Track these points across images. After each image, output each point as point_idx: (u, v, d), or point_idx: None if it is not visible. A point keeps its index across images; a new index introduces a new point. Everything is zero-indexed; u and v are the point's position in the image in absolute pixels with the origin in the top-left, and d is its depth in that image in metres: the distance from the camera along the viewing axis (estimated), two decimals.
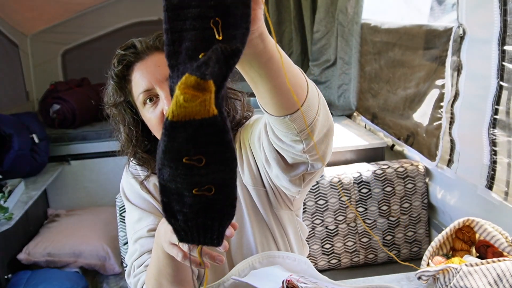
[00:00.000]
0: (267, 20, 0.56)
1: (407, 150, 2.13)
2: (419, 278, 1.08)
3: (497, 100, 1.36)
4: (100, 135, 2.93)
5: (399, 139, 2.07)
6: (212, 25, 0.45)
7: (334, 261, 1.96)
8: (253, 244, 1.02)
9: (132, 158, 1.06)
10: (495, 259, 1.01)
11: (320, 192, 1.90)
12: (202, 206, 0.47)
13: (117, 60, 0.96)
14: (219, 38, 0.45)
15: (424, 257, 1.17)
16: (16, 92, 3.19)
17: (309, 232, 1.92)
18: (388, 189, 1.94)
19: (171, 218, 0.49)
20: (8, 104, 2.95)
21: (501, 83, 1.34)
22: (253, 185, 0.99)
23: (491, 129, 1.40)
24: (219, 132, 0.43)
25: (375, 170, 1.94)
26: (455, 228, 1.20)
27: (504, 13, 1.27)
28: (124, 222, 1.23)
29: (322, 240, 1.94)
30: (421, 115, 1.84)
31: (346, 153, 2.12)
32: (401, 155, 2.18)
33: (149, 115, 0.94)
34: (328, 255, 1.95)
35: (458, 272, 1.01)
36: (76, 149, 2.95)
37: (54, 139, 2.90)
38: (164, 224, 0.78)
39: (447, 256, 1.19)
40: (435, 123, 1.73)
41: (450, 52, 1.56)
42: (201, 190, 0.46)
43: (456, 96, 1.59)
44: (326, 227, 1.93)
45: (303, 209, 1.89)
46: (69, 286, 2.17)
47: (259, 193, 1.00)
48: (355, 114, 2.65)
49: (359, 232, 1.96)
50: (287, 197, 1.01)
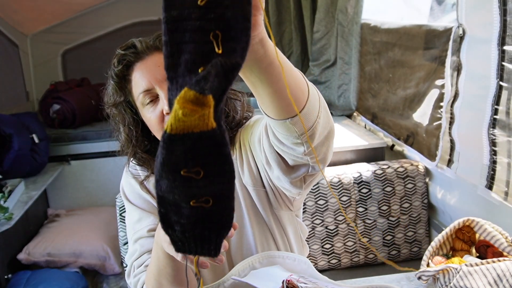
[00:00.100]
0: (266, 25, 0.55)
1: (407, 150, 2.13)
2: (419, 278, 1.08)
3: (497, 100, 1.36)
4: (100, 135, 2.93)
5: (399, 139, 2.07)
6: (212, 38, 0.44)
7: (334, 261, 1.96)
8: (253, 244, 1.02)
9: (132, 158, 1.06)
10: (495, 259, 1.01)
11: (320, 192, 1.90)
12: (200, 218, 0.47)
13: (117, 60, 0.96)
14: (219, 52, 0.44)
15: (424, 257, 1.17)
16: (16, 92, 3.19)
17: (309, 232, 1.92)
18: (388, 189, 1.94)
19: (168, 229, 0.49)
20: (8, 104, 2.95)
21: (501, 83, 1.34)
22: (253, 186, 0.99)
23: (491, 129, 1.40)
24: (218, 145, 0.43)
25: (375, 170, 1.94)
26: (455, 228, 1.20)
27: (504, 13, 1.27)
28: (124, 222, 1.23)
29: (322, 240, 1.94)
30: (421, 115, 1.84)
31: (346, 153, 2.12)
32: (401, 155, 2.18)
33: (149, 115, 0.94)
34: (328, 255, 1.95)
35: (458, 272, 1.02)
36: (76, 149, 2.95)
37: (54, 139, 2.90)
38: None
39: (447, 256, 1.19)
40: (435, 123, 1.73)
41: (450, 52, 1.56)
42: (199, 202, 0.45)
43: (456, 96, 1.59)
44: (326, 227, 1.93)
45: (303, 209, 1.89)
46: (69, 286, 2.17)
47: (259, 194, 1.00)
48: (355, 114, 2.65)
49: (359, 232, 1.96)
50: (287, 198, 1.01)
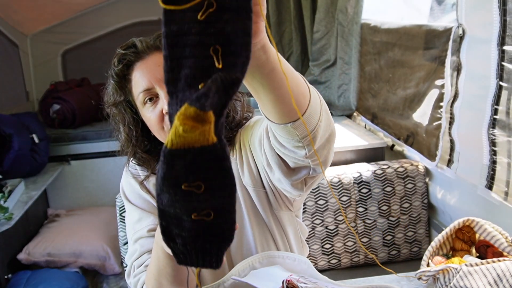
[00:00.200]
0: (267, 30, 0.55)
1: (407, 150, 2.13)
2: (419, 278, 1.08)
3: (497, 100, 1.36)
4: (100, 135, 2.93)
5: (399, 139, 2.07)
6: (212, 53, 0.44)
7: (334, 261, 1.96)
8: (253, 245, 1.02)
9: (132, 158, 1.06)
10: (495, 259, 1.01)
11: (320, 192, 1.90)
12: (201, 231, 0.47)
13: (118, 59, 0.96)
14: (219, 67, 0.44)
15: (424, 257, 1.17)
16: (16, 92, 3.19)
17: (309, 232, 1.92)
18: (388, 189, 1.94)
19: (170, 241, 0.49)
20: (8, 104, 2.95)
21: (501, 83, 1.34)
22: (253, 186, 0.99)
23: (491, 129, 1.40)
24: (218, 159, 0.43)
25: (375, 170, 1.94)
26: (455, 228, 1.20)
27: (504, 13, 1.27)
28: (124, 222, 1.23)
29: (322, 240, 1.94)
30: (421, 115, 1.84)
31: (346, 153, 2.12)
32: (401, 155, 2.18)
33: (149, 115, 0.94)
34: (328, 255, 1.95)
35: (458, 272, 1.02)
36: (76, 149, 2.95)
37: (54, 139, 2.90)
38: None
39: (447, 256, 1.19)
40: (435, 123, 1.73)
41: (450, 52, 1.56)
42: (200, 215, 0.45)
43: (456, 96, 1.59)
44: (326, 227, 1.93)
45: (303, 209, 1.89)
46: (69, 286, 2.17)
47: (259, 194, 1.00)
48: (355, 114, 2.65)
49: (359, 232, 1.96)
50: (287, 199, 1.01)
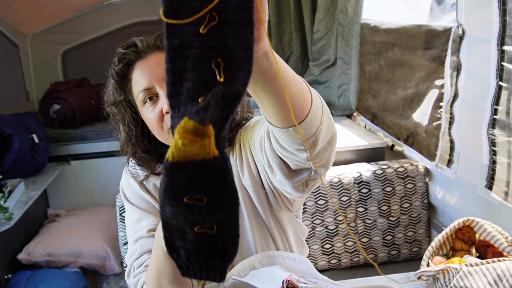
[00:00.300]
0: (266, 30, 0.56)
1: (407, 150, 2.13)
2: (419, 278, 1.08)
3: (497, 100, 1.36)
4: (100, 135, 2.93)
5: (399, 139, 2.07)
6: (214, 67, 0.44)
7: (334, 261, 1.96)
8: (253, 245, 1.02)
9: (132, 158, 1.06)
10: (495, 259, 1.01)
11: (320, 192, 1.90)
12: (204, 244, 0.47)
13: (118, 59, 0.96)
14: (221, 80, 0.44)
15: (424, 257, 1.17)
16: (16, 92, 3.19)
17: (309, 232, 1.92)
18: (388, 189, 1.94)
19: (174, 253, 0.49)
20: (8, 104, 2.95)
21: (500, 83, 1.34)
22: (253, 187, 0.99)
23: (491, 129, 1.40)
24: (220, 173, 0.43)
25: (375, 170, 1.94)
26: (455, 228, 1.20)
27: (503, 13, 1.28)
28: (124, 222, 1.23)
29: (322, 240, 1.94)
30: (421, 115, 1.84)
31: (346, 153, 2.12)
32: (401, 155, 2.19)
33: (149, 114, 0.94)
34: (328, 255, 1.95)
35: (458, 272, 1.02)
36: (76, 149, 2.95)
37: (54, 139, 2.90)
38: None
39: (447, 256, 1.19)
40: (435, 123, 1.73)
41: (450, 52, 1.56)
42: (203, 228, 0.45)
43: (456, 96, 1.59)
44: (326, 227, 1.93)
45: (303, 209, 1.89)
46: (69, 286, 2.17)
47: (259, 195, 1.00)
48: (355, 114, 2.65)
49: (359, 232, 1.96)
50: (287, 199, 1.01)
